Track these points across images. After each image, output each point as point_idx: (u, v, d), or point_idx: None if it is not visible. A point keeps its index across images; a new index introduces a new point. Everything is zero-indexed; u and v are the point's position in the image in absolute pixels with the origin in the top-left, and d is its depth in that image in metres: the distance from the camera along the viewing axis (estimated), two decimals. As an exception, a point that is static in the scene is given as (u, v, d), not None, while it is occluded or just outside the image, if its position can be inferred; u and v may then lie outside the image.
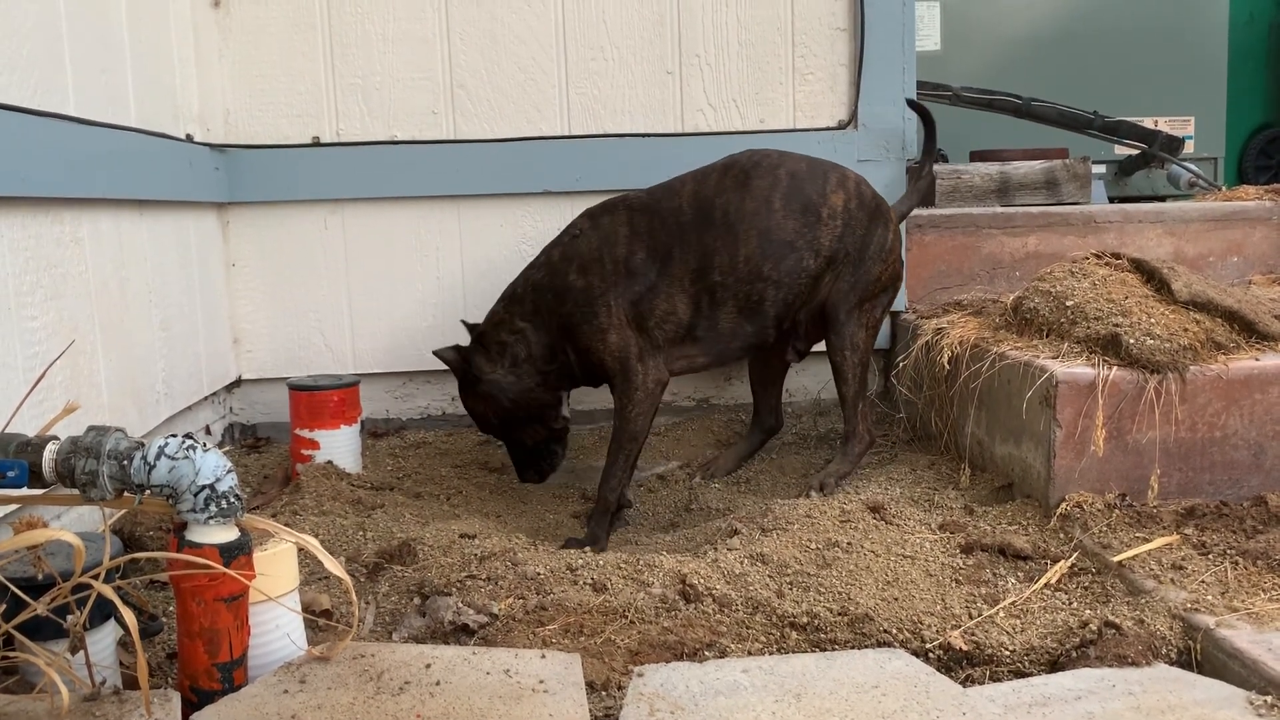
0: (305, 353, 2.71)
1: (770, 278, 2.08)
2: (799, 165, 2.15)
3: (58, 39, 1.79)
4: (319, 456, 2.24)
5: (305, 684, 1.23)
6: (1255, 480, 1.85)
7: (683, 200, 2.11)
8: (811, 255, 2.09)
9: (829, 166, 2.18)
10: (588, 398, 2.76)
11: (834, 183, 2.14)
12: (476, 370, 2.17)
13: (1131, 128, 4.03)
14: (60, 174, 1.75)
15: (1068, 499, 1.81)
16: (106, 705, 1.14)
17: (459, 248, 2.71)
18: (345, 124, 2.65)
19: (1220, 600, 1.49)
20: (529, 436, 2.23)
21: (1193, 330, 1.87)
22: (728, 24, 2.70)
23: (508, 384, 2.15)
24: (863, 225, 2.13)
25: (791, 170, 2.13)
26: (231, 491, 1.21)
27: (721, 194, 2.10)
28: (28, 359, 1.62)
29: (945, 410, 2.26)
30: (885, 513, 1.83)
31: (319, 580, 1.63)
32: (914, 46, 2.73)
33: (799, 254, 2.08)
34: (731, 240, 2.06)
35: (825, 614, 1.48)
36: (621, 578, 1.57)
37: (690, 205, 2.10)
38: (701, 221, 2.08)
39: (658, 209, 2.11)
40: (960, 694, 1.28)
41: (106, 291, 1.92)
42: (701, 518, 2.09)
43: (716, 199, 2.09)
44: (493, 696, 1.22)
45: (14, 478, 1.20)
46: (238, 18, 2.59)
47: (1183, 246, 2.82)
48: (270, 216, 2.66)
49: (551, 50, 2.68)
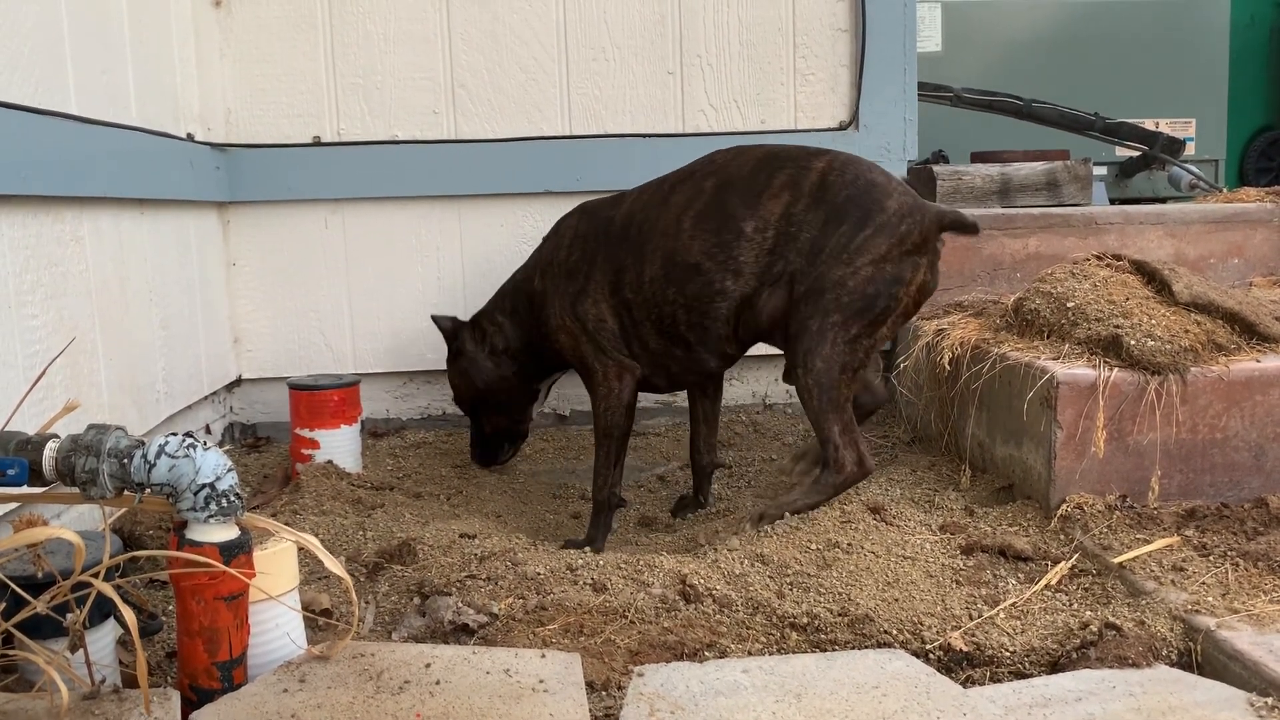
0: (305, 352, 2.71)
1: (677, 301, 1.93)
2: (741, 169, 1.93)
3: (59, 38, 1.78)
4: (319, 456, 2.24)
5: (305, 683, 1.23)
6: (1256, 482, 1.85)
7: (620, 210, 2.07)
8: (729, 276, 1.88)
9: (787, 159, 1.92)
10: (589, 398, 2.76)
11: (779, 185, 1.88)
12: (460, 345, 2.33)
13: (1132, 129, 4.03)
14: (61, 173, 1.75)
15: (1068, 500, 1.80)
16: (106, 704, 1.14)
17: (459, 248, 2.71)
18: (346, 123, 2.65)
19: (1221, 602, 1.48)
20: (490, 423, 2.38)
21: (1194, 332, 1.87)
22: (729, 24, 2.70)
23: (484, 366, 2.29)
24: (814, 227, 1.83)
25: (724, 180, 1.93)
26: (232, 490, 1.21)
27: (647, 207, 2.01)
28: (28, 357, 1.62)
29: (946, 411, 2.26)
30: (886, 514, 1.83)
31: (319, 579, 1.63)
32: (915, 47, 2.73)
33: (708, 277, 1.89)
34: (639, 259, 1.97)
35: (825, 614, 1.48)
36: (621, 578, 1.57)
37: (622, 217, 2.05)
38: (621, 236, 2.02)
39: (598, 215, 2.11)
40: (960, 695, 1.28)
41: (107, 290, 1.92)
42: (703, 518, 2.09)
43: (639, 213, 2.01)
44: (493, 696, 1.22)
45: (14, 476, 1.20)
46: (239, 17, 2.59)
47: (1183, 248, 2.82)
48: (271, 216, 2.66)
49: (553, 50, 2.68)
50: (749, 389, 2.87)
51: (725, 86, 2.72)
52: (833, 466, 1.84)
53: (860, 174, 1.87)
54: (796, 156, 1.92)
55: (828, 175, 1.87)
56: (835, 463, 1.84)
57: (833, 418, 1.83)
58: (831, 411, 1.83)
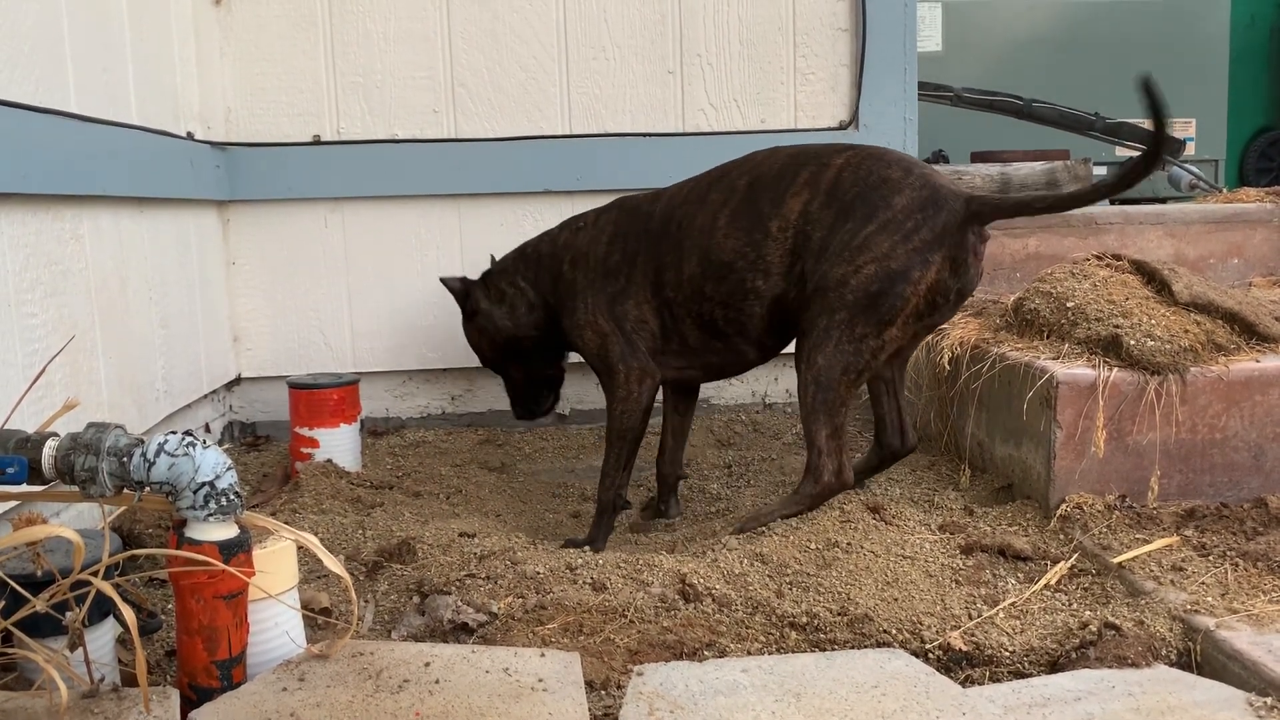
0: (305, 351, 2.71)
1: (714, 298, 1.93)
2: (771, 167, 1.93)
3: (59, 36, 1.78)
4: (318, 455, 2.24)
5: (304, 682, 1.23)
6: (1255, 482, 1.85)
7: (659, 206, 2.06)
8: (759, 276, 1.88)
9: (812, 157, 1.91)
10: (588, 397, 2.76)
11: (801, 182, 1.87)
12: (474, 304, 2.25)
13: (1133, 129, 4.04)
14: (61, 171, 1.75)
15: (1068, 500, 1.80)
16: (105, 702, 1.14)
17: (459, 246, 2.71)
18: (346, 122, 2.65)
19: (1220, 602, 1.48)
20: (521, 374, 2.29)
21: (1193, 332, 1.87)
22: (729, 23, 2.70)
23: (501, 321, 2.21)
24: (825, 226, 1.81)
25: (756, 178, 1.93)
26: (231, 489, 1.21)
27: (686, 204, 2.01)
28: (27, 355, 1.62)
29: (945, 411, 2.26)
30: (885, 513, 1.83)
31: (318, 578, 1.63)
32: (915, 47, 2.73)
33: (740, 276, 1.89)
34: (678, 257, 1.96)
35: (825, 614, 1.48)
36: (621, 577, 1.57)
37: (661, 213, 2.04)
38: (661, 232, 2.01)
39: (638, 212, 2.08)
40: (960, 694, 1.28)
41: (106, 289, 1.92)
42: (702, 518, 2.09)
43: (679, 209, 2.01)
44: (492, 695, 1.22)
45: (13, 474, 1.20)
46: (239, 16, 2.59)
47: (1183, 248, 2.82)
48: (271, 215, 2.66)
49: (553, 49, 2.68)
50: (749, 389, 2.87)
51: (725, 86, 2.72)
52: (811, 474, 1.80)
53: (875, 169, 1.82)
54: (820, 154, 1.90)
55: (843, 171, 1.84)
56: (814, 470, 1.80)
57: (823, 419, 1.78)
58: (824, 413, 1.78)
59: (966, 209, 1.76)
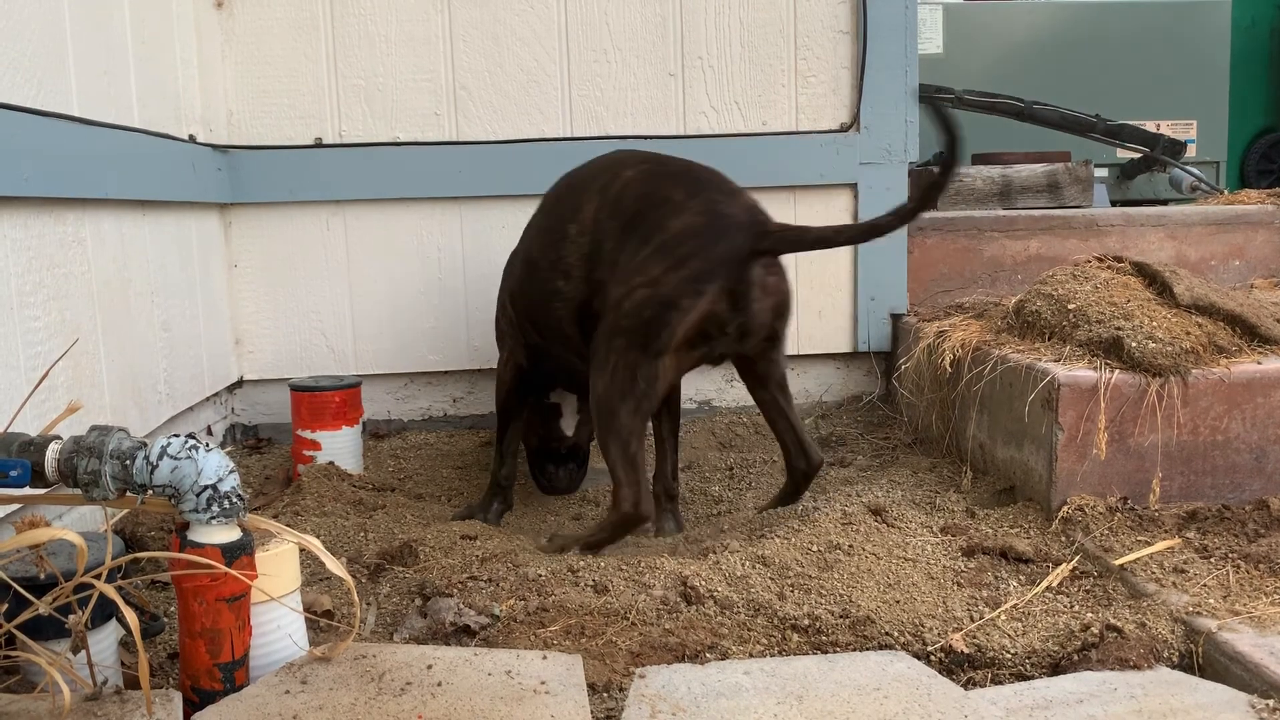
0: (307, 353, 2.71)
1: (531, 296, 1.96)
2: (588, 170, 1.94)
3: (61, 40, 1.79)
4: (320, 457, 2.24)
5: (307, 684, 1.23)
6: (1257, 484, 1.85)
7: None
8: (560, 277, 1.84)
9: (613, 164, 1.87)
10: (589, 399, 2.76)
11: (595, 189, 1.84)
12: None
13: (1134, 131, 4.03)
14: (63, 174, 1.75)
15: (1069, 502, 1.80)
16: (108, 705, 1.14)
17: (461, 249, 2.72)
18: (348, 125, 2.65)
19: (1222, 604, 1.48)
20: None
21: (1195, 334, 1.87)
22: (730, 26, 2.70)
23: None
24: (613, 237, 1.76)
25: (575, 180, 1.95)
26: (234, 491, 1.21)
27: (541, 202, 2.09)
28: (30, 359, 1.62)
29: (947, 413, 2.26)
30: (887, 515, 1.83)
31: (321, 581, 1.63)
32: (916, 49, 2.73)
33: (545, 277, 1.88)
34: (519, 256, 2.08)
35: (827, 616, 1.48)
36: (623, 579, 1.57)
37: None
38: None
39: None
40: (962, 696, 1.28)
41: (109, 292, 1.92)
42: (702, 518, 2.09)
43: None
44: (494, 697, 1.22)
45: (16, 477, 1.20)
46: (241, 19, 2.59)
47: (1185, 250, 2.82)
48: (272, 217, 2.66)
49: (554, 52, 2.68)
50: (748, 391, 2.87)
51: (726, 88, 2.72)
52: (612, 502, 1.74)
53: (659, 188, 1.75)
54: (620, 162, 1.86)
55: (629, 185, 1.79)
56: (615, 500, 1.72)
57: (615, 449, 1.69)
58: (614, 443, 1.69)
59: (752, 241, 1.66)
